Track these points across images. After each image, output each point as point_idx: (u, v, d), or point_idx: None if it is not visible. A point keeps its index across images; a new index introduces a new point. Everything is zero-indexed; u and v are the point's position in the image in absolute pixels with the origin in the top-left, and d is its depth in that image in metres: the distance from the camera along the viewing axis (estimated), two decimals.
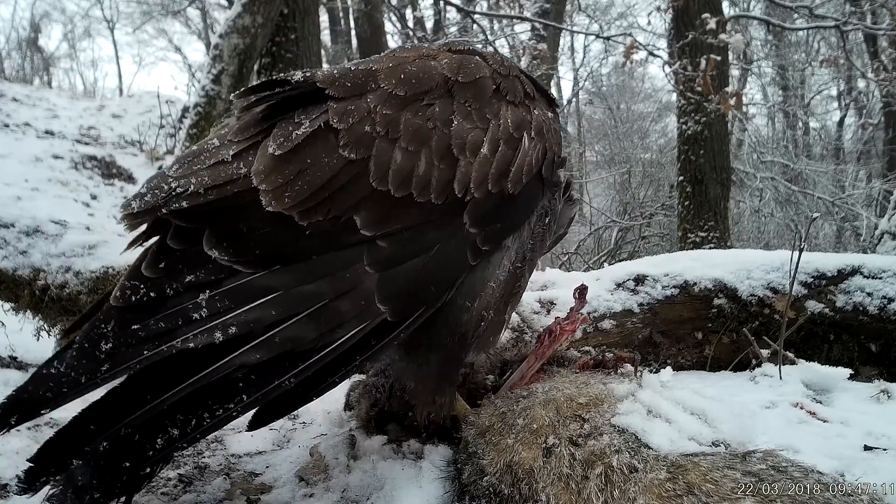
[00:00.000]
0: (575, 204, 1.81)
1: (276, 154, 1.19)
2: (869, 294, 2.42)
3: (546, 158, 1.40)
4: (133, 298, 1.12)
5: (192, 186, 1.17)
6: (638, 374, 1.75)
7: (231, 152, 1.22)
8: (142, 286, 1.13)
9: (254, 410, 1.20)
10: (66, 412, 1.15)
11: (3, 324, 2.55)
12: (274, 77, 1.32)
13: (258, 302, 1.13)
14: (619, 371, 1.76)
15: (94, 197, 4.42)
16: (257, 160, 1.19)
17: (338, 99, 1.24)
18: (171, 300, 1.12)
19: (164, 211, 1.16)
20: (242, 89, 1.36)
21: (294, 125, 1.23)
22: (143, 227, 1.29)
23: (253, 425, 1.23)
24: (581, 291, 1.91)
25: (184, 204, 1.16)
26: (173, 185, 1.18)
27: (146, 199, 1.19)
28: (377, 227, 1.19)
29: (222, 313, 1.11)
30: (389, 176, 1.20)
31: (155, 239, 1.27)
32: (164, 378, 1.09)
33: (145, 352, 1.08)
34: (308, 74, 1.30)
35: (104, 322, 1.11)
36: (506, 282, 1.40)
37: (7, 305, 2.50)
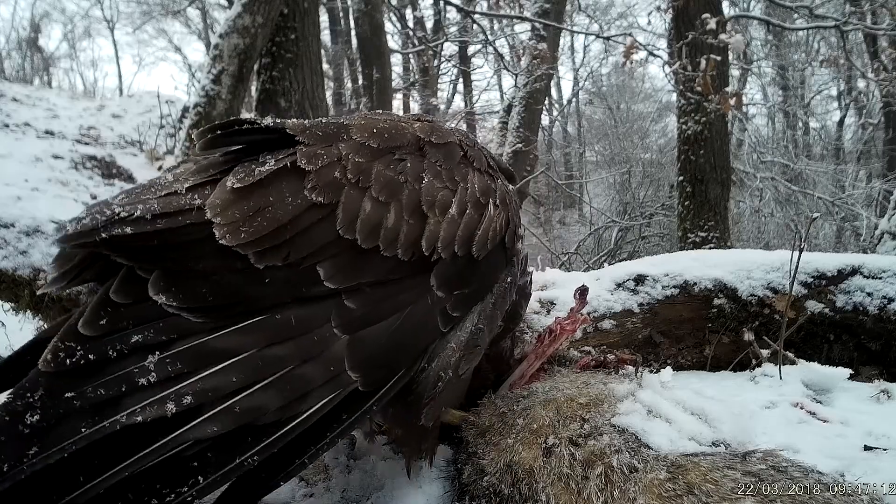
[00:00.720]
0: (529, 276, 1.81)
1: (235, 187, 1.10)
2: (869, 294, 2.42)
3: (509, 228, 1.40)
4: (68, 362, 0.94)
5: (138, 212, 1.03)
6: (638, 375, 1.76)
7: (186, 185, 1.12)
8: (79, 348, 0.96)
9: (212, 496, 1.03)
10: None
11: (3, 324, 2.55)
12: (240, 118, 1.25)
13: (217, 367, 1.00)
14: (620, 372, 1.76)
15: (94, 197, 4.42)
16: (214, 193, 1.10)
17: (308, 144, 1.19)
18: (114, 364, 0.96)
19: (103, 235, 1.00)
20: (203, 128, 1.26)
21: (258, 164, 1.16)
22: (77, 260, 1.12)
23: None
24: (581, 292, 1.91)
25: (127, 230, 1.01)
26: (117, 210, 1.04)
27: (83, 221, 1.03)
28: (341, 279, 1.11)
29: (175, 380, 0.97)
30: (357, 225, 1.14)
31: (91, 285, 1.15)
32: (101, 454, 0.91)
33: (83, 429, 0.90)
34: (277, 121, 1.24)
35: (31, 390, 0.91)
36: (465, 345, 1.35)
37: (7, 305, 2.50)
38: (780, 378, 2.11)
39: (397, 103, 19.76)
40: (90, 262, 1.12)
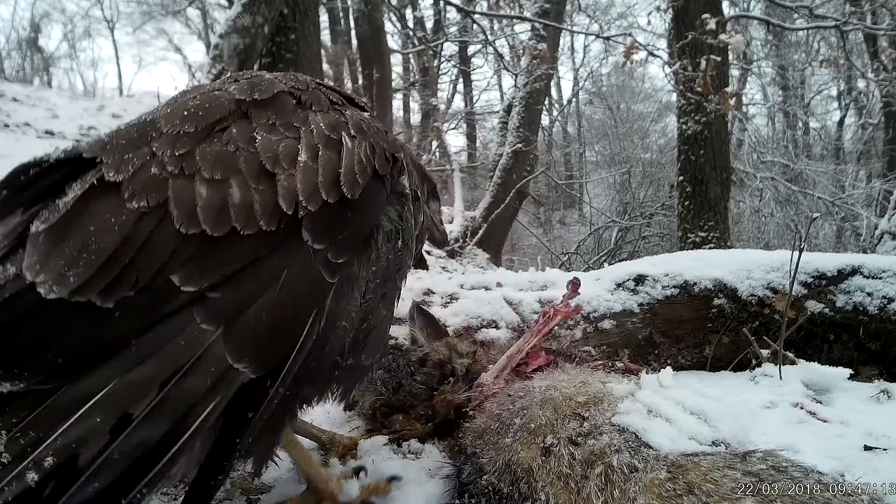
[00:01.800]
0: (438, 202, 1.64)
1: (44, 229, 0.95)
2: (869, 294, 2.42)
3: (377, 155, 1.23)
4: None
5: None
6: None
7: None
8: None
9: None
10: None
11: None
12: (26, 164, 1.07)
13: (76, 415, 0.88)
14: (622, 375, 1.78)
15: None
16: (27, 252, 0.95)
17: (113, 156, 1.03)
18: None
19: None
20: None
21: (62, 197, 0.99)
22: None
23: None
24: (574, 283, 2.00)
25: None
26: None
27: None
28: (199, 279, 0.98)
29: (32, 449, 0.85)
30: (199, 215, 0.99)
31: None
32: None
33: None
34: (70, 149, 1.08)
35: None
36: (357, 320, 1.20)
37: None
38: (780, 378, 2.11)
39: (397, 103, 19.79)
40: None
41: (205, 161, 1.04)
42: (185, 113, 1.10)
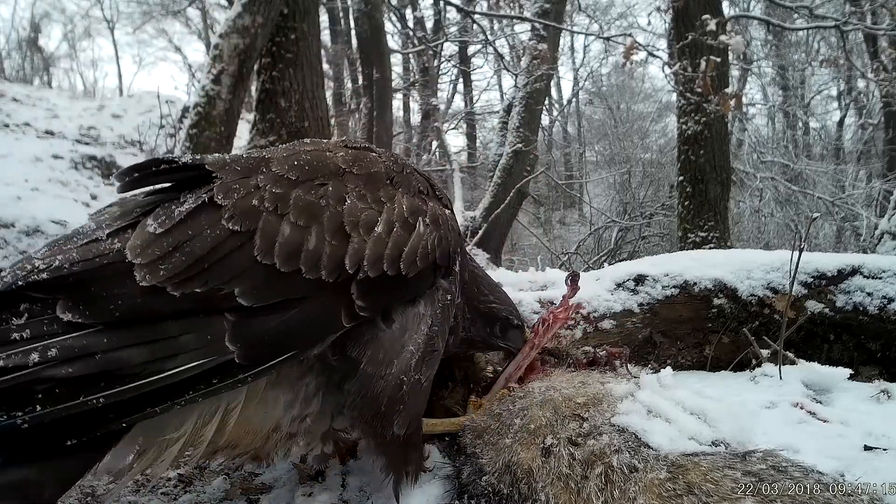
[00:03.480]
0: (521, 331, 1.77)
1: (155, 232, 1.13)
2: (869, 294, 2.42)
3: (441, 247, 1.38)
4: None
5: (56, 262, 1.08)
6: (626, 366, 1.76)
7: (107, 232, 1.16)
8: None
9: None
10: None
11: None
12: (159, 158, 1.26)
13: (90, 330, 1.05)
14: (612, 365, 1.76)
15: (94, 197, 4.43)
16: (134, 236, 1.13)
17: (225, 180, 1.21)
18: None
19: (19, 284, 1.06)
20: (123, 169, 1.26)
21: (178, 205, 1.18)
22: None
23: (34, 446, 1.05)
24: (573, 278, 1.88)
25: (44, 276, 1.06)
26: (37, 263, 1.08)
27: (5, 279, 1.09)
28: (256, 299, 1.14)
29: (46, 337, 1.03)
30: (276, 249, 1.16)
31: None
32: None
33: None
34: (198, 158, 1.26)
35: None
36: (424, 344, 1.36)
37: None
38: (780, 378, 2.11)
39: (397, 103, 19.78)
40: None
41: (296, 207, 1.20)
42: (296, 162, 1.27)
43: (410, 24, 17.87)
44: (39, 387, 1.01)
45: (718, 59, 6.80)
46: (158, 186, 1.28)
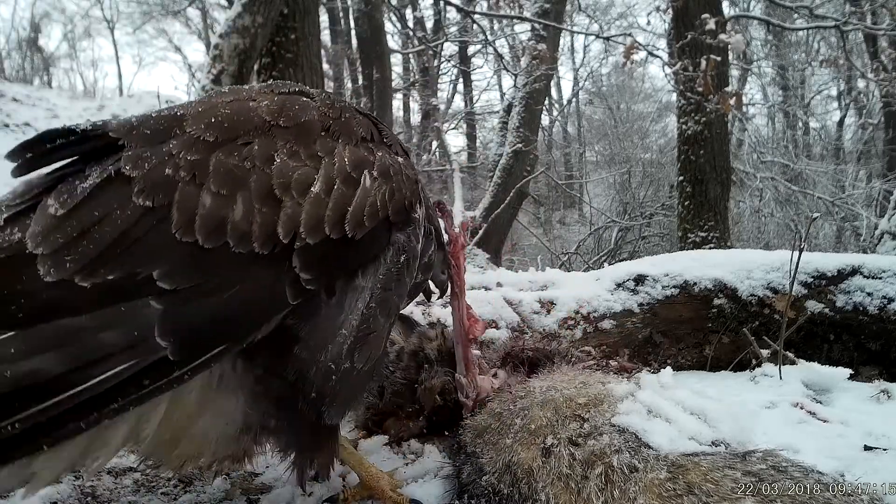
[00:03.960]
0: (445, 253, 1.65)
1: (56, 213, 1.01)
2: (869, 294, 2.42)
3: (394, 201, 1.24)
4: None
5: None
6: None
7: (3, 217, 1.03)
8: None
9: None
10: None
11: None
12: (55, 129, 1.12)
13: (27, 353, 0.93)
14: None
15: None
16: (34, 221, 1.01)
17: (134, 147, 1.08)
18: None
19: None
20: (13, 148, 1.11)
21: (82, 179, 1.05)
22: None
23: None
24: (440, 205, 1.73)
25: None
26: None
27: None
28: (180, 282, 1.01)
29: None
30: (196, 223, 1.02)
31: None
32: None
33: None
34: (100, 124, 1.13)
35: None
36: (357, 330, 1.22)
37: None
38: (780, 378, 2.12)
39: (397, 103, 19.79)
40: None
41: (216, 174, 1.06)
42: (213, 119, 1.12)
43: (410, 24, 17.87)
44: None
45: (719, 59, 6.80)
46: (62, 163, 1.13)
